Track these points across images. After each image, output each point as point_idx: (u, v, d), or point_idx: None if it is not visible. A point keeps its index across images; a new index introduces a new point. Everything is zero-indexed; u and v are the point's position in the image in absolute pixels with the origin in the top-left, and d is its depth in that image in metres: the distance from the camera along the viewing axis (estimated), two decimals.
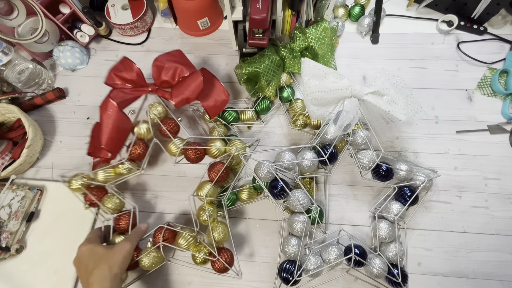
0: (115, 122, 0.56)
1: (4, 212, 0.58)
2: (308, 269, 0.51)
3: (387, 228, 0.54)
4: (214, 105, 0.59)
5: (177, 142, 0.58)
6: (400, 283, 0.51)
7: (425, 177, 0.57)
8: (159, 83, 0.59)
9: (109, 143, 0.56)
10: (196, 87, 0.56)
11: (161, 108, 0.61)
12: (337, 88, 0.51)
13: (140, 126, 0.59)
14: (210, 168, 0.57)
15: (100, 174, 0.57)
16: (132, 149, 0.58)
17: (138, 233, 0.53)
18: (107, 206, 0.55)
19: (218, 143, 0.57)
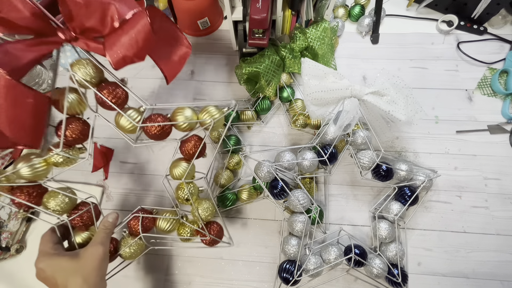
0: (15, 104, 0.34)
1: (4, 212, 0.58)
2: (308, 269, 0.51)
3: (387, 228, 0.54)
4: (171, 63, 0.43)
5: (130, 114, 0.43)
6: (400, 283, 0.51)
7: (425, 177, 0.57)
8: (78, 28, 0.37)
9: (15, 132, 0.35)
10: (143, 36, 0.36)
11: (92, 67, 0.42)
12: (337, 88, 0.51)
13: (66, 96, 0.41)
14: (182, 144, 0.47)
15: (24, 170, 0.40)
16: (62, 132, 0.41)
17: (107, 228, 0.44)
18: (52, 209, 0.42)
19: (187, 111, 0.44)
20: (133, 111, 0.43)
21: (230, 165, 0.62)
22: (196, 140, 0.47)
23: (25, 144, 0.37)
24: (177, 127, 0.45)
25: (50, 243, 0.42)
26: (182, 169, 0.46)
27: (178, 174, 0.46)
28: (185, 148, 0.46)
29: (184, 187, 0.47)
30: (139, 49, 0.37)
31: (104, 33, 0.36)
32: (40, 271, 0.39)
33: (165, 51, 0.41)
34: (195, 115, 0.45)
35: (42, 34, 0.35)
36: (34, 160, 0.41)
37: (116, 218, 0.46)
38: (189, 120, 0.44)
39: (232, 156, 0.62)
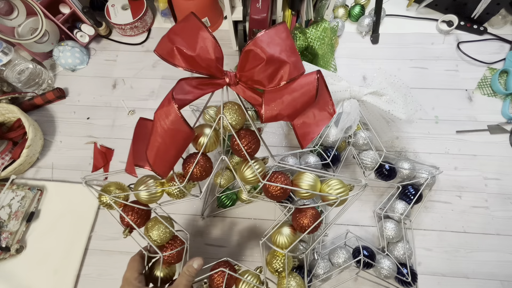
0: (172, 135, 0.35)
1: (4, 212, 0.58)
2: (318, 274, 0.51)
3: (393, 228, 0.54)
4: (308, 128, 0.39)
5: (256, 166, 0.40)
6: (410, 282, 0.51)
7: (428, 174, 0.57)
8: (244, 77, 0.36)
9: (158, 162, 0.37)
10: (304, 101, 0.35)
11: (238, 112, 0.40)
12: (336, 90, 0.51)
13: (205, 135, 0.40)
14: (297, 212, 0.43)
15: (143, 192, 0.42)
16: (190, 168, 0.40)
17: (191, 276, 0.41)
18: (151, 237, 0.42)
19: (310, 178, 0.41)
20: (258, 163, 0.41)
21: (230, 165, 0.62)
22: (314, 213, 0.42)
23: (159, 173, 0.38)
24: (296, 193, 0.42)
25: (136, 272, 0.41)
26: (287, 240, 0.43)
27: (281, 243, 0.43)
28: (299, 219, 0.42)
29: (281, 257, 0.44)
30: (295, 111, 0.36)
31: (267, 87, 0.35)
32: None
33: (307, 111, 0.38)
34: (319, 185, 0.42)
35: (213, 75, 0.36)
36: (153, 186, 0.42)
37: (201, 265, 0.43)
38: (312, 190, 0.40)
39: (232, 156, 0.62)
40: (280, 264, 0.44)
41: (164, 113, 0.34)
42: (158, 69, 0.74)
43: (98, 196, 0.44)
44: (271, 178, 0.41)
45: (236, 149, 0.41)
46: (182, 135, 0.35)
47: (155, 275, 0.43)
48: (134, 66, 0.75)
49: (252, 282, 0.45)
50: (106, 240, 0.60)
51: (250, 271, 0.46)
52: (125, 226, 0.44)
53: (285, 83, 0.35)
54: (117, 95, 0.72)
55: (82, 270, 0.58)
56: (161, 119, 0.34)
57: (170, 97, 0.33)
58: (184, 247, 0.45)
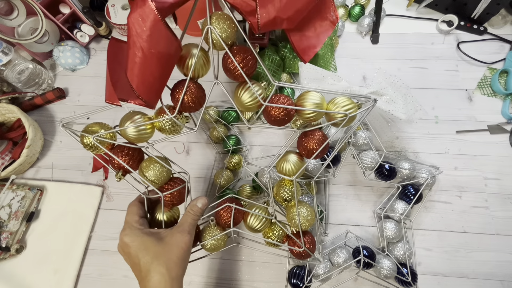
0: (156, 46, 0.29)
1: (4, 212, 0.58)
2: (318, 274, 0.51)
3: (393, 228, 0.54)
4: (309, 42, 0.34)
5: (255, 88, 0.36)
6: (410, 282, 0.51)
7: (428, 174, 0.57)
8: None
9: (143, 85, 0.31)
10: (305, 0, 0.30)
11: (230, 25, 0.34)
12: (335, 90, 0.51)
13: (192, 54, 0.35)
14: (304, 136, 0.40)
15: (130, 130, 0.37)
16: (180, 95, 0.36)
17: (195, 215, 0.40)
18: (148, 178, 0.39)
19: (315, 96, 0.37)
20: (257, 85, 0.37)
21: (230, 165, 0.62)
22: (321, 136, 0.39)
23: (146, 99, 0.32)
24: (301, 114, 0.38)
25: (136, 215, 0.39)
26: (294, 167, 0.40)
27: (288, 169, 0.41)
28: (306, 142, 0.39)
29: (289, 185, 0.42)
30: (295, 12, 0.30)
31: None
32: (124, 245, 0.37)
33: (306, 23, 0.33)
34: (325, 104, 0.38)
35: None
36: (140, 121, 0.37)
37: (205, 204, 0.41)
38: (319, 108, 0.37)
39: (232, 156, 0.62)
40: (288, 192, 0.42)
41: (140, 16, 0.27)
42: None
43: (80, 138, 0.39)
44: (272, 100, 0.37)
45: (230, 69, 0.36)
46: (167, 44, 0.29)
47: (158, 219, 0.41)
48: None
49: (261, 215, 0.43)
50: (106, 240, 0.60)
51: (257, 205, 0.45)
52: (116, 170, 0.39)
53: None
54: None
55: (82, 270, 0.58)
56: (137, 25, 0.28)
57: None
58: (184, 185, 0.42)
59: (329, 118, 0.38)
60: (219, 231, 0.43)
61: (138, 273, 0.36)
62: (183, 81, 0.36)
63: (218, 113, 0.65)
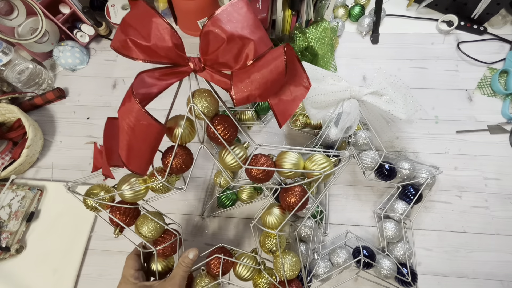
0: (141, 131, 0.34)
1: (4, 212, 0.58)
2: (318, 274, 0.51)
3: (394, 228, 0.54)
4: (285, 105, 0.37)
5: (236, 151, 0.40)
6: (410, 282, 0.51)
7: (428, 174, 0.57)
8: (209, 61, 0.35)
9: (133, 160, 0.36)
10: (273, 77, 0.33)
11: (210, 99, 0.39)
12: (336, 90, 0.51)
13: (182, 127, 0.39)
14: (284, 191, 0.43)
15: (126, 192, 0.42)
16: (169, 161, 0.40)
17: (187, 266, 0.42)
18: (142, 234, 0.43)
19: (293, 157, 0.41)
20: (239, 148, 0.41)
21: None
22: (300, 191, 0.42)
23: (135, 171, 0.37)
24: (281, 173, 0.42)
25: (132, 269, 0.42)
26: (277, 220, 0.43)
27: (271, 223, 0.43)
28: (286, 198, 0.42)
29: (274, 236, 0.44)
30: (266, 89, 0.34)
31: (234, 68, 0.34)
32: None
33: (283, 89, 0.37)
34: (302, 163, 0.42)
35: (176, 63, 0.35)
36: (136, 183, 0.42)
37: (196, 255, 0.43)
38: (296, 168, 0.40)
39: None
40: (273, 244, 0.44)
41: (127, 110, 0.33)
42: None
43: (83, 201, 0.44)
44: (252, 162, 0.40)
45: (213, 137, 0.40)
46: (151, 130, 0.34)
47: (154, 269, 0.44)
48: (134, 66, 0.75)
49: (249, 264, 0.45)
50: (106, 240, 0.60)
51: (246, 254, 0.47)
52: (114, 226, 0.44)
53: (252, 62, 0.33)
54: (117, 95, 0.72)
55: (82, 270, 0.58)
56: (125, 117, 0.33)
57: (130, 93, 0.32)
58: (176, 239, 0.45)
59: (307, 176, 0.42)
60: (210, 280, 0.45)
61: None
62: (172, 147, 0.40)
63: None
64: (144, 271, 0.43)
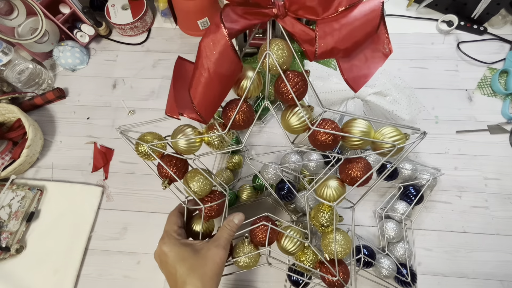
0: (219, 67, 0.31)
1: (4, 212, 0.58)
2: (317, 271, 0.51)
3: (394, 228, 0.54)
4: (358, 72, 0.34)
5: (302, 113, 0.37)
6: (410, 282, 0.51)
7: (430, 176, 0.57)
8: (294, 5, 0.31)
9: (204, 102, 0.34)
10: (365, 33, 0.31)
11: (287, 51, 0.35)
12: (340, 89, 0.51)
13: (248, 77, 0.36)
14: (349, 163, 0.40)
15: (181, 141, 0.39)
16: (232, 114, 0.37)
17: (231, 230, 0.41)
18: (191, 189, 0.40)
19: (363, 125, 0.37)
20: (305, 109, 0.38)
21: (230, 165, 0.62)
22: (366, 164, 0.39)
23: (203, 114, 0.34)
24: (347, 141, 0.38)
25: (175, 225, 0.41)
26: (335, 192, 0.40)
27: (329, 195, 0.40)
28: (349, 170, 0.39)
29: (328, 210, 0.41)
30: (353, 44, 0.31)
31: (320, 16, 0.31)
32: (162, 254, 0.38)
33: (357, 52, 0.33)
34: (373, 132, 0.38)
35: (259, 4, 0.32)
36: (191, 134, 0.39)
37: (241, 220, 0.42)
38: (366, 136, 0.37)
39: (232, 156, 0.62)
40: (326, 218, 0.41)
41: (212, 41, 0.30)
42: (158, 69, 0.74)
43: (135, 146, 0.41)
44: (319, 125, 0.37)
45: (283, 93, 0.37)
46: (231, 67, 0.32)
47: (195, 230, 0.42)
48: (134, 66, 0.75)
49: (296, 237, 0.43)
50: (106, 240, 0.60)
51: (292, 227, 0.44)
52: (163, 178, 0.42)
53: (343, 10, 0.30)
54: (117, 95, 0.72)
55: (82, 270, 0.58)
56: (208, 49, 0.31)
57: (219, 21, 0.30)
58: (225, 199, 0.43)
59: (376, 147, 0.38)
60: (252, 249, 0.44)
61: (173, 283, 0.37)
62: (236, 100, 0.38)
63: (218, 113, 0.65)
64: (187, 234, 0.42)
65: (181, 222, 0.42)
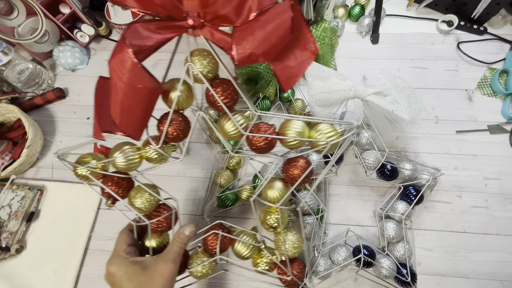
0: (134, 87, 0.31)
1: (4, 212, 0.58)
2: (318, 271, 0.51)
3: (394, 228, 0.54)
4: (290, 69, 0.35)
5: (237, 118, 0.37)
6: (410, 283, 0.51)
7: (430, 176, 0.57)
8: (208, 15, 0.32)
9: (125, 120, 0.34)
10: (278, 33, 0.31)
11: (210, 60, 0.36)
12: (340, 89, 0.51)
13: (176, 89, 0.36)
14: (290, 163, 0.40)
15: (119, 160, 0.39)
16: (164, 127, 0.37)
17: (182, 243, 0.40)
18: (135, 206, 0.40)
19: (298, 126, 0.37)
20: (240, 115, 0.38)
21: (230, 165, 0.62)
22: (304, 162, 0.39)
23: (129, 134, 0.35)
24: (284, 142, 0.38)
25: (124, 244, 0.40)
26: (279, 193, 0.40)
27: (273, 197, 0.40)
28: (289, 169, 0.40)
29: (275, 212, 0.41)
30: (271, 47, 0.31)
31: (236, 23, 0.31)
32: (110, 275, 0.38)
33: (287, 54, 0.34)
34: (307, 132, 0.38)
35: (173, 17, 0.32)
36: (130, 151, 0.39)
37: (193, 231, 0.42)
38: (300, 137, 0.37)
39: (232, 156, 0.62)
40: (274, 219, 0.42)
41: (119, 62, 0.30)
42: (158, 69, 0.74)
43: (73, 169, 0.40)
44: (253, 130, 0.37)
45: (212, 101, 0.37)
46: (145, 86, 0.31)
47: (147, 246, 0.42)
48: None
49: (248, 241, 0.43)
50: (106, 240, 0.60)
51: (245, 231, 0.45)
52: (106, 197, 0.41)
53: (256, 15, 0.31)
54: None
55: (82, 270, 0.58)
56: (117, 69, 0.30)
57: (122, 42, 0.29)
58: (172, 212, 0.43)
59: (312, 146, 0.39)
60: (207, 258, 0.43)
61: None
62: (168, 113, 0.37)
63: (218, 113, 0.65)
64: (139, 248, 0.42)
65: (131, 240, 0.41)
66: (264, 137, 0.37)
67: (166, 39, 0.32)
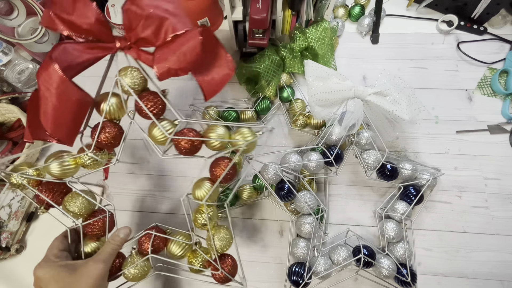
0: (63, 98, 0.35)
1: (4, 212, 0.58)
2: (318, 271, 0.51)
3: (394, 228, 0.54)
4: (211, 81, 0.42)
5: (164, 125, 0.41)
6: (410, 283, 0.51)
7: (430, 176, 0.57)
8: (134, 38, 0.38)
9: (56, 128, 0.37)
10: (191, 53, 0.37)
11: (137, 75, 0.41)
12: (340, 89, 0.51)
13: (108, 101, 0.41)
14: (214, 163, 0.44)
15: (54, 166, 0.41)
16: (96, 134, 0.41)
17: (115, 244, 0.41)
18: (69, 210, 0.42)
19: (220, 129, 0.42)
20: (167, 122, 0.42)
21: None
22: (226, 162, 0.43)
23: (60, 140, 0.38)
24: (208, 145, 0.42)
25: (56, 249, 0.40)
26: (205, 190, 0.43)
27: (200, 195, 0.43)
28: (213, 169, 0.43)
29: (204, 210, 0.43)
30: (186, 63, 0.37)
31: (156, 44, 0.38)
32: (37, 280, 0.38)
33: (208, 70, 0.41)
34: (227, 134, 0.42)
35: (101, 40, 0.38)
36: (65, 158, 0.42)
37: (127, 234, 0.43)
38: (221, 138, 0.41)
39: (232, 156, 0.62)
40: (204, 218, 0.43)
41: (47, 76, 0.34)
42: None
43: (6, 178, 0.41)
44: (179, 134, 0.41)
45: (141, 112, 0.42)
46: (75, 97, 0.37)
47: (86, 251, 0.43)
48: None
49: (180, 240, 0.44)
50: None
51: (181, 232, 0.46)
52: (39, 204, 0.43)
53: (172, 37, 0.37)
54: None
55: None
56: (46, 82, 0.34)
57: (48, 58, 0.33)
58: (106, 215, 0.44)
59: (232, 145, 0.43)
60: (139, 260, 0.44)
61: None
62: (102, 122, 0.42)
63: (218, 113, 0.65)
64: (73, 254, 0.42)
65: (63, 246, 0.41)
66: (187, 139, 0.40)
67: (96, 58, 0.38)
